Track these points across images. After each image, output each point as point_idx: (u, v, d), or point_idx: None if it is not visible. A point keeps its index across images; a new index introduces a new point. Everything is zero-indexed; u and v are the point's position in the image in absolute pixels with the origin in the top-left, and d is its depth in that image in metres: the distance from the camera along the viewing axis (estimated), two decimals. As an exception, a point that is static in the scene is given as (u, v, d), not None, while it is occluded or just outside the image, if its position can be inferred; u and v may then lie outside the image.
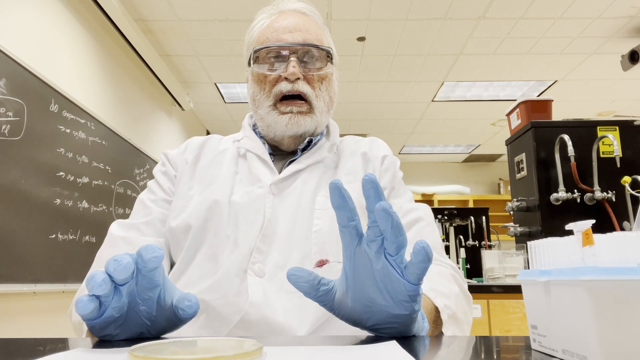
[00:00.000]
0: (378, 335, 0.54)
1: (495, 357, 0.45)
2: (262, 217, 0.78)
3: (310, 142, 0.89)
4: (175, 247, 0.81)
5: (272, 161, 0.87)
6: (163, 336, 0.55)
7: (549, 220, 2.18)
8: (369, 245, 0.48)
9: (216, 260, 0.76)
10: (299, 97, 0.84)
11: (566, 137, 2.12)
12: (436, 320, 0.66)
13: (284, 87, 0.83)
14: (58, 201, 2.44)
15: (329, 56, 0.87)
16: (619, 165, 2.02)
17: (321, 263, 0.75)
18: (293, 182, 0.84)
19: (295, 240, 0.77)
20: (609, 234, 0.37)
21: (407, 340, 0.51)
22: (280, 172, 0.85)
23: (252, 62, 0.88)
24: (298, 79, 0.83)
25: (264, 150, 0.87)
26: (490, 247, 3.44)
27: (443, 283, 0.72)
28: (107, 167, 3.00)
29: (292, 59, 0.83)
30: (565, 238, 0.40)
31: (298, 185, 0.83)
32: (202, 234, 0.78)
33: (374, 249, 0.48)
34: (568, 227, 0.40)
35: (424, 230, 0.83)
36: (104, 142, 2.97)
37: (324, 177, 0.86)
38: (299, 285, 0.52)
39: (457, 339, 0.55)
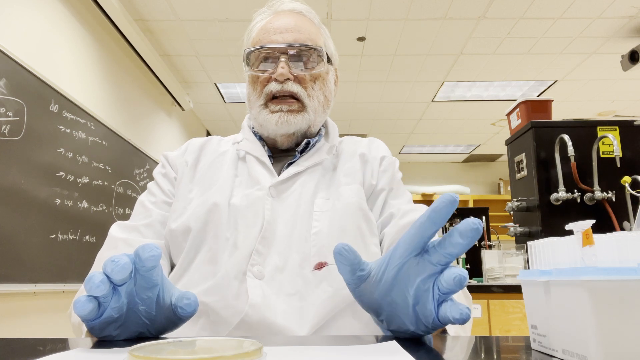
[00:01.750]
0: (385, 328, 0.54)
1: (495, 357, 0.45)
2: (262, 219, 0.78)
3: (308, 143, 0.89)
4: (175, 249, 0.81)
5: (272, 163, 0.87)
6: (163, 336, 0.55)
7: (549, 220, 2.18)
8: (426, 264, 0.48)
9: (215, 263, 0.76)
10: (290, 96, 0.85)
11: (566, 137, 2.12)
12: None
13: (274, 87, 0.84)
14: (58, 201, 2.44)
15: (321, 55, 0.87)
16: (619, 165, 2.02)
17: (320, 266, 0.75)
18: (292, 185, 0.83)
19: (294, 243, 0.77)
20: (609, 234, 0.37)
21: (407, 340, 0.51)
22: (279, 174, 0.85)
23: (246, 63, 0.88)
24: (288, 79, 0.83)
25: (263, 153, 0.87)
26: (490, 247, 3.44)
27: None
28: (107, 167, 3.00)
29: (281, 59, 0.83)
30: (565, 238, 0.40)
31: (297, 187, 0.83)
32: (202, 237, 0.78)
33: (429, 271, 0.48)
34: (568, 227, 0.40)
35: None
36: (104, 142, 2.97)
37: (322, 180, 0.85)
38: (341, 266, 0.50)
39: (457, 339, 0.55)
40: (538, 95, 4.70)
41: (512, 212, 2.44)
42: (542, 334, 0.42)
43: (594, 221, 0.39)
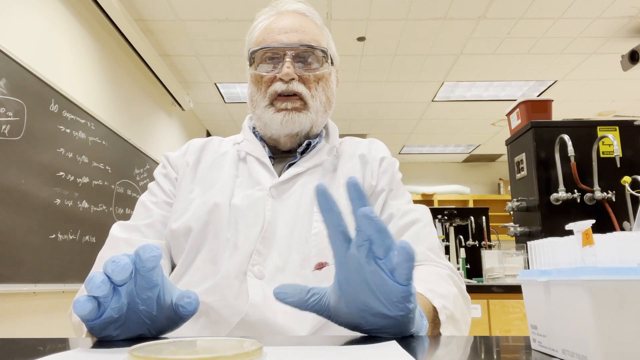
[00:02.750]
0: (377, 336, 0.54)
1: (495, 357, 0.45)
2: (262, 219, 0.78)
3: (309, 144, 0.89)
4: (176, 250, 0.81)
5: (272, 164, 0.87)
6: (163, 336, 0.55)
7: (549, 220, 2.18)
8: (358, 249, 0.48)
9: (216, 263, 0.76)
10: (294, 95, 0.85)
11: (566, 137, 2.12)
12: (435, 320, 0.66)
13: (279, 87, 0.84)
14: (58, 201, 2.44)
15: (325, 57, 0.87)
16: (619, 165, 2.02)
17: (320, 266, 0.75)
18: (292, 186, 0.84)
19: (294, 243, 0.77)
20: (609, 234, 0.37)
21: (407, 340, 0.51)
22: (279, 175, 0.85)
23: (249, 63, 0.88)
24: (293, 79, 0.84)
25: (263, 154, 0.87)
26: (490, 247, 3.44)
27: (441, 284, 0.72)
28: (107, 167, 3.00)
29: (287, 59, 0.83)
30: (565, 238, 0.40)
31: (297, 188, 0.83)
32: (203, 237, 0.78)
33: (364, 253, 0.47)
34: (568, 227, 0.40)
35: (422, 231, 0.83)
36: (104, 142, 2.97)
37: (322, 181, 0.86)
38: (287, 302, 0.53)
39: (457, 339, 0.55)
40: (538, 95, 4.70)
41: (512, 212, 2.44)
42: (542, 334, 0.42)
43: (594, 221, 0.39)
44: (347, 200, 0.47)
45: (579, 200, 2.14)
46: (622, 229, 2.06)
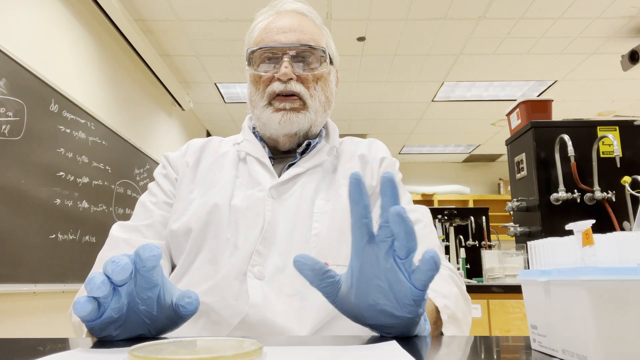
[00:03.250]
0: (379, 333, 0.54)
1: (495, 357, 0.45)
2: (262, 220, 0.78)
3: (309, 144, 0.89)
4: (176, 250, 0.81)
5: (272, 164, 0.87)
6: (163, 336, 0.55)
7: (549, 220, 2.18)
8: (378, 245, 0.48)
9: (216, 263, 0.76)
10: (293, 95, 0.85)
11: (566, 137, 2.12)
12: (436, 321, 0.66)
13: (277, 87, 0.84)
14: (58, 201, 2.44)
15: (324, 56, 0.87)
16: (619, 165, 2.02)
17: None
18: (293, 186, 0.83)
19: (294, 244, 0.77)
20: (609, 234, 0.37)
21: (407, 340, 0.51)
22: (279, 175, 0.85)
23: (248, 63, 0.88)
24: (291, 79, 0.83)
25: (263, 154, 0.87)
26: (490, 247, 3.44)
27: (442, 284, 0.72)
28: (107, 167, 3.00)
29: (284, 59, 0.83)
30: (565, 238, 0.40)
31: (297, 189, 0.83)
32: (203, 237, 0.78)
33: (384, 250, 0.47)
34: (568, 227, 0.40)
35: (422, 232, 0.83)
36: (104, 142, 2.97)
37: (322, 182, 0.86)
38: (303, 272, 0.51)
39: (457, 339, 0.55)
40: (538, 95, 4.70)
41: (512, 212, 2.44)
42: (542, 334, 0.42)
43: (594, 221, 0.39)
44: (380, 195, 0.47)
45: (579, 200, 2.14)
46: (622, 229, 2.06)
